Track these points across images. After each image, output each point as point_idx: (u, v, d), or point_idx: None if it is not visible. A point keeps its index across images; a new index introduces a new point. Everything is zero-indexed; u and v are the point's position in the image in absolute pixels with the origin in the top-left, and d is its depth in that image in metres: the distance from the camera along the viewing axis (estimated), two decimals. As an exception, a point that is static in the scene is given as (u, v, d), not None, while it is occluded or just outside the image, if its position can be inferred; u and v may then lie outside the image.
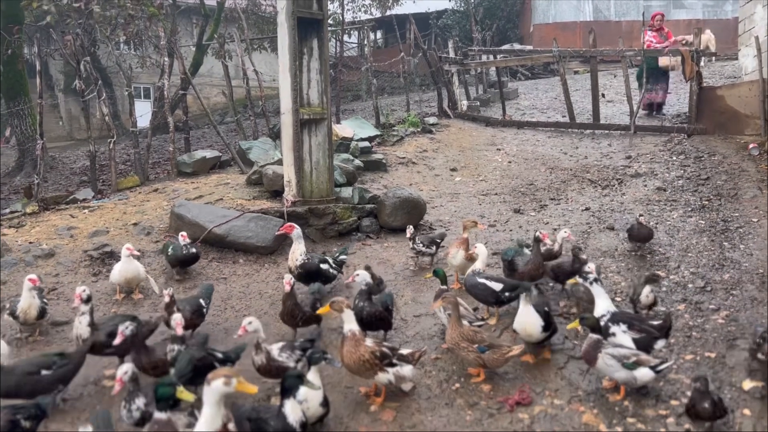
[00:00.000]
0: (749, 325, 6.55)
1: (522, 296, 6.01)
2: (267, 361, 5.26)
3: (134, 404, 4.67)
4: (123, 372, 4.74)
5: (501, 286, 6.88)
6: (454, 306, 5.75)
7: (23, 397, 5.01)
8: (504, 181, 13.63)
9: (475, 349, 5.54)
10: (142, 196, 11.85)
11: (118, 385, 4.71)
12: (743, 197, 11.08)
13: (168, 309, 6.25)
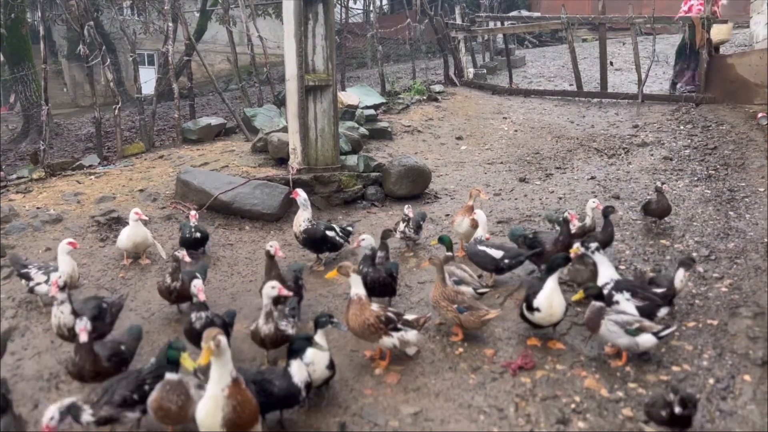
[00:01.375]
0: (752, 294, 6.59)
1: (557, 272, 5.75)
2: (274, 330, 5.32)
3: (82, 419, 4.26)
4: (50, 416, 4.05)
5: (501, 254, 6.91)
6: (439, 267, 5.92)
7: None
8: (510, 149, 13.57)
9: (454, 309, 5.71)
10: (148, 162, 11.86)
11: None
12: (750, 167, 11.01)
13: (173, 274, 6.30)
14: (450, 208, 9.94)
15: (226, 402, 3.91)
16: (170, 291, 6.37)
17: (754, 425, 4.60)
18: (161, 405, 4.27)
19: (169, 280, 6.34)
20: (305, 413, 4.90)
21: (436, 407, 4.95)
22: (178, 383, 4.32)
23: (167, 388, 4.29)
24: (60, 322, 5.47)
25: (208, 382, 4.02)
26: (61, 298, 5.46)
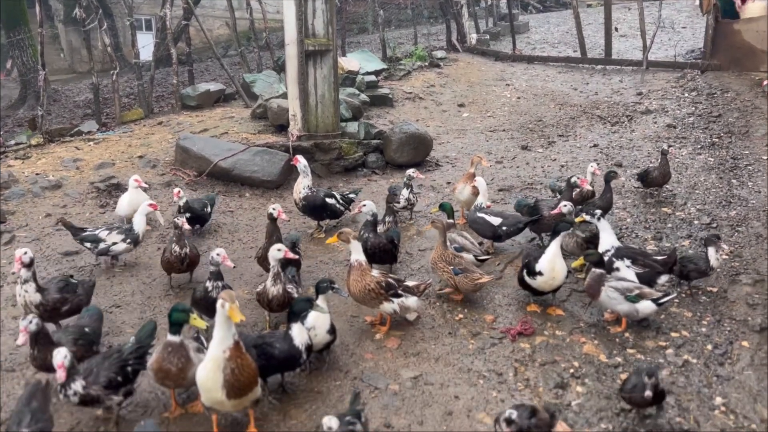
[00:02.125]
0: (752, 261, 6.59)
1: (561, 235, 5.75)
2: (282, 292, 5.34)
3: (71, 388, 4.12)
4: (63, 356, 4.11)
5: (499, 221, 6.90)
6: (441, 230, 6.01)
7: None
8: (512, 117, 13.46)
9: (450, 270, 5.84)
10: (147, 129, 11.77)
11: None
12: (754, 135, 10.92)
13: (179, 241, 6.16)
14: (451, 176, 9.89)
15: (227, 364, 3.93)
16: (181, 259, 6.16)
17: (750, 390, 4.64)
18: (161, 367, 4.28)
19: (177, 248, 6.13)
20: (306, 377, 4.94)
21: (436, 371, 4.99)
22: (180, 345, 4.32)
23: (168, 350, 4.30)
24: (26, 301, 5.18)
25: (210, 344, 4.04)
26: (25, 276, 5.16)
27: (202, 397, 4.07)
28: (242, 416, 4.43)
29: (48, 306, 5.23)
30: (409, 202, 7.98)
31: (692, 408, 4.49)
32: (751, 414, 4.40)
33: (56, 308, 5.30)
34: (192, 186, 9.23)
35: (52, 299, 5.26)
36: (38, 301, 5.18)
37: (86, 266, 6.90)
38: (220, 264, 5.33)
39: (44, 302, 5.21)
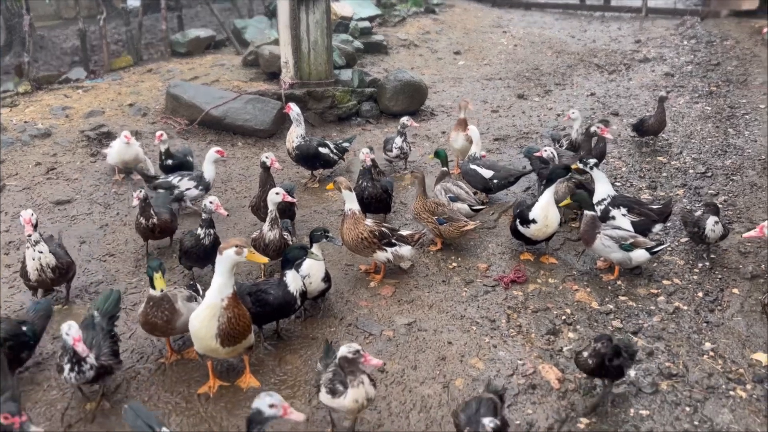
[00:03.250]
0: (746, 210, 6.60)
1: (557, 182, 5.74)
2: (279, 237, 5.33)
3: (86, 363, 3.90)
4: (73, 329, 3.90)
5: (491, 174, 6.86)
6: (420, 181, 6.08)
7: None
8: (509, 65, 13.25)
9: (434, 220, 5.90)
10: (136, 76, 11.55)
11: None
12: (752, 83, 10.81)
13: (144, 213, 5.72)
14: (446, 126, 9.79)
15: (223, 312, 3.94)
16: (150, 229, 5.79)
17: (739, 335, 4.71)
18: (147, 320, 4.29)
19: (142, 219, 5.74)
20: (301, 323, 4.98)
21: (430, 318, 5.03)
22: (161, 299, 4.29)
23: (150, 305, 4.29)
24: (42, 264, 4.86)
25: (207, 292, 4.02)
26: (35, 237, 4.85)
27: (196, 345, 4.09)
28: (238, 362, 4.48)
29: (63, 269, 5.00)
30: (402, 150, 7.89)
31: (682, 353, 4.56)
32: (739, 359, 4.48)
33: (67, 272, 5.09)
34: (183, 135, 9.11)
35: (66, 262, 5.05)
36: (54, 264, 4.91)
37: (78, 215, 6.86)
38: (213, 212, 5.28)
39: (60, 265, 4.96)
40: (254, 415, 3.00)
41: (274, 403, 3.00)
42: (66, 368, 3.85)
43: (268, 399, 3.01)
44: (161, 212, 5.90)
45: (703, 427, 3.88)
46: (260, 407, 3.00)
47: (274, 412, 2.99)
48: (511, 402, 4.13)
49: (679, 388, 4.21)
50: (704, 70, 11.77)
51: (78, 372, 3.85)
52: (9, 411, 3.10)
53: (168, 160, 7.30)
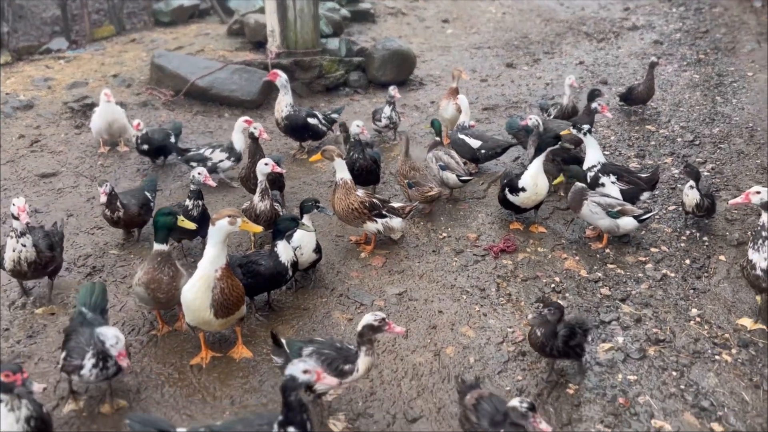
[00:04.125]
0: (733, 177, 6.65)
1: (546, 150, 5.71)
2: (270, 207, 5.31)
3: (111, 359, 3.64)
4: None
5: (479, 144, 6.85)
6: (405, 143, 6.23)
7: None
8: (497, 33, 13.13)
9: (405, 183, 6.08)
10: (119, 46, 11.33)
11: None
12: (741, 51, 10.80)
13: (110, 206, 5.38)
14: (435, 95, 9.72)
15: (217, 283, 3.92)
16: (115, 221, 5.49)
17: (725, 301, 4.78)
18: (153, 277, 4.18)
19: (108, 212, 5.42)
20: (293, 294, 4.99)
21: (420, 288, 5.06)
22: (169, 255, 4.26)
23: (158, 260, 4.21)
24: (21, 257, 4.56)
25: (200, 263, 3.99)
26: (22, 228, 4.53)
27: (188, 317, 4.07)
28: (230, 333, 4.50)
29: (41, 264, 4.67)
30: (391, 120, 7.83)
31: (669, 319, 4.62)
32: (725, 324, 4.55)
33: (45, 267, 4.74)
34: (169, 106, 8.99)
35: (46, 257, 4.69)
36: (33, 259, 4.59)
37: (65, 188, 6.78)
38: (202, 183, 5.24)
39: (38, 260, 4.63)
40: (288, 381, 2.96)
41: (307, 369, 2.99)
42: (88, 365, 3.58)
43: (302, 365, 3.00)
44: (130, 204, 5.52)
45: (689, 391, 3.96)
46: (294, 373, 2.97)
47: (308, 378, 2.99)
48: (502, 369, 4.19)
49: (666, 354, 4.28)
50: (693, 38, 11.74)
51: (102, 368, 3.60)
52: (10, 369, 3.14)
53: (144, 144, 7.04)
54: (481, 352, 4.33)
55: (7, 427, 3.11)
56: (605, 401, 3.90)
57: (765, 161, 6.94)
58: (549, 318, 3.91)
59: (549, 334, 3.90)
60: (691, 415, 3.78)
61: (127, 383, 4.05)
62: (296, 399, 2.95)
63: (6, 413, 3.12)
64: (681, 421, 3.74)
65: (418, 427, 3.74)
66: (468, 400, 3.43)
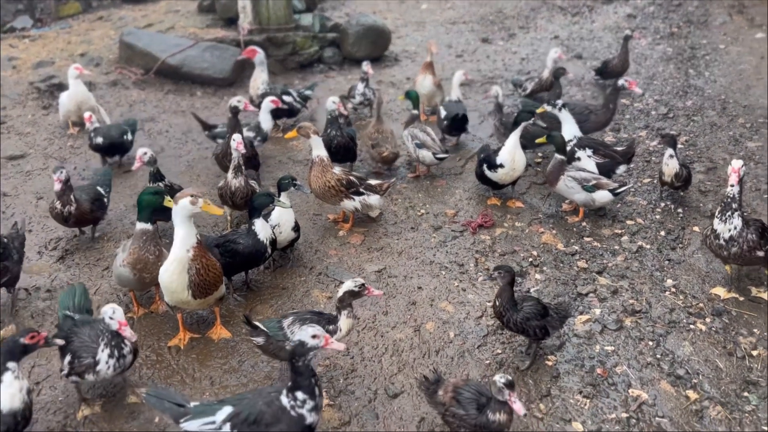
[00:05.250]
0: (706, 150, 6.73)
1: (522, 125, 5.69)
2: (245, 184, 5.24)
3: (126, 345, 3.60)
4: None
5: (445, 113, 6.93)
6: (377, 105, 6.56)
7: None
8: (472, 8, 13.02)
9: (369, 144, 6.41)
10: (86, 24, 11.03)
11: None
12: (713, 24, 10.87)
13: (62, 197, 5.01)
14: (411, 71, 9.64)
15: (191, 264, 3.87)
16: (64, 217, 5.08)
17: (699, 272, 4.86)
18: (140, 257, 4.14)
19: (58, 204, 5.04)
20: (271, 274, 4.95)
21: (399, 264, 5.06)
22: (153, 233, 4.21)
23: (143, 239, 4.15)
24: None
25: (173, 246, 3.92)
26: None
27: (167, 298, 4.02)
28: (208, 313, 4.45)
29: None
30: (366, 97, 7.76)
31: (645, 290, 4.69)
32: (699, 294, 4.63)
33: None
34: (140, 85, 8.79)
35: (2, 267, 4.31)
36: None
37: (33, 170, 6.61)
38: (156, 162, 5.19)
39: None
40: (297, 347, 2.98)
41: (316, 334, 3.01)
42: (103, 358, 3.47)
43: (311, 330, 3.02)
44: (82, 200, 5.10)
45: (665, 360, 4.03)
46: (303, 338, 2.99)
47: (316, 343, 3.00)
48: (481, 342, 4.21)
49: (643, 324, 4.35)
50: (666, 11, 11.78)
51: (118, 358, 3.51)
52: (31, 330, 3.26)
53: (99, 137, 6.43)
54: (460, 327, 4.35)
55: (13, 394, 3.17)
56: (584, 372, 3.95)
57: (737, 133, 7.02)
58: (500, 282, 3.88)
59: (506, 304, 3.86)
60: (667, 383, 3.85)
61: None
62: (304, 365, 2.97)
63: (12, 381, 3.18)
64: (657, 390, 3.80)
65: (399, 402, 3.75)
66: (442, 396, 3.31)
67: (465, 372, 3.94)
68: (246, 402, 3.04)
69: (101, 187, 5.43)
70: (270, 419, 2.96)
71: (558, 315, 3.96)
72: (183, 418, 3.04)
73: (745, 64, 8.96)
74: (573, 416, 3.63)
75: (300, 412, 2.97)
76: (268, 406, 2.99)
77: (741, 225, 4.27)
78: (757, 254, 4.32)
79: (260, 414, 2.97)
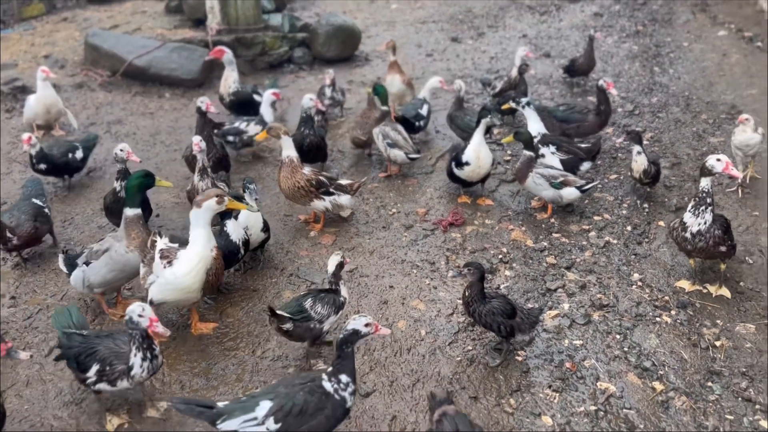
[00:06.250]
0: (671, 145, 6.86)
1: (483, 122, 5.73)
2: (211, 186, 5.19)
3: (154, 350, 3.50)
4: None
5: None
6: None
7: None
8: (442, 8, 13.09)
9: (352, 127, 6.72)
10: (51, 26, 10.82)
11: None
12: (677, 22, 11.09)
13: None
14: (382, 71, 9.64)
15: (213, 263, 3.97)
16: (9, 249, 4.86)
17: (665, 265, 4.95)
18: (144, 239, 4.23)
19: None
20: (241, 276, 4.92)
21: (371, 264, 5.06)
22: (138, 217, 4.31)
23: (140, 223, 4.30)
24: None
25: (191, 244, 3.93)
26: None
27: (171, 296, 3.94)
28: (177, 318, 4.41)
29: None
30: (334, 99, 7.76)
31: (612, 285, 4.76)
32: (664, 287, 4.72)
33: None
34: (106, 87, 8.67)
35: None
36: None
37: (-4, 176, 6.47)
38: (126, 160, 5.10)
39: None
40: (350, 335, 3.17)
41: (369, 322, 3.20)
42: (137, 362, 3.39)
43: (363, 319, 3.21)
44: (21, 223, 4.78)
45: (632, 352, 4.10)
46: (357, 327, 3.18)
47: (369, 330, 3.21)
48: (452, 339, 4.24)
49: (610, 318, 4.42)
50: (631, 10, 11.98)
51: (151, 359, 3.43)
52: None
53: (40, 164, 5.88)
54: (431, 325, 4.38)
55: None
56: (553, 366, 4.00)
57: (700, 129, 7.17)
58: (469, 278, 3.94)
59: (475, 296, 3.93)
60: (634, 375, 3.92)
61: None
62: (351, 350, 3.18)
63: None
64: (625, 382, 3.87)
65: (372, 401, 3.76)
66: (432, 418, 3.22)
67: (436, 369, 3.97)
68: (284, 393, 3.08)
69: (36, 198, 5.14)
70: (315, 407, 3.06)
71: (527, 319, 4.00)
72: (219, 420, 3.04)
73: (707, 61, 9.15)
74: (543, 410, 3.68)
75: (343, 395, 3.12)
76: (310, 394, 3.08)
77: (711, 221, 4.36)
78: (720, 249, 4.42)
79: (305, 403, 3.05)
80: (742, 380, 3.86)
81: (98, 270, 4.25)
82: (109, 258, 4.26)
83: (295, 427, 3.03)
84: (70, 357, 3.50)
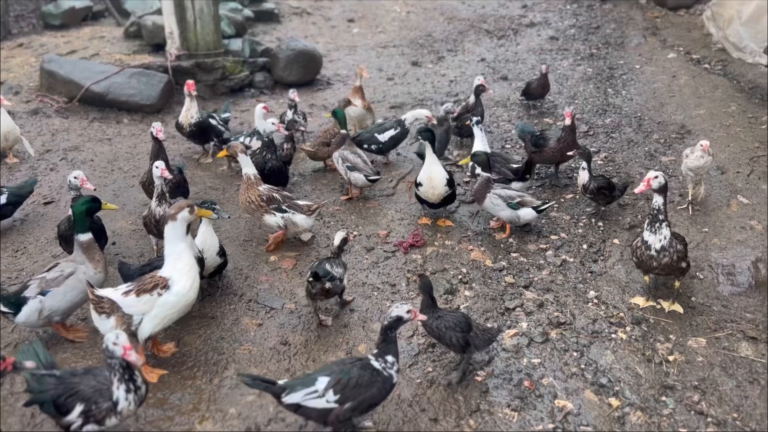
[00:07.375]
0: (624, 165, 7.05)
1: (427, 146, 5.82)
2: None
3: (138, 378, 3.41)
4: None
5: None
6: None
7: None
8: (402, 32, 13.30)
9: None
10: (6, 52, 10.64)
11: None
12: (629, 45, 11.46)
13: None
14: (343, 94, 9.71)
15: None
16: None
17: (619, 282, 5.06)
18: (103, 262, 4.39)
19: None
20: (199, 303, 4.84)
21: (331, 288, 5.04)
22: (91, 242, 4.36)
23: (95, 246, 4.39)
24: None
25: (179, 259, 4.02)
26: None
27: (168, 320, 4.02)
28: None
29: None
30: (296, 122, 7.78)
31: (569, 303, 4.84)
32: (619, 304, 4.82)
33: None
34: (63, 113, 8.55)
35: None
36: None
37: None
38: (80, 188, 5.06)
39: None
40: (395, 322, 3.52)
41: (410, 309, 3.54)
42: (121, 396, 3.28)
43: (405, 307, 3.54)
44: None
45: (589, 369, 4.16)
46: (400, 314, 3.53)
47: (409, 317, 3.54)
48: (413, 361, 4.24)
49: (567, 335, 4.48)
50: (586, 33, 12.35)
51: (135, 390, 3.32)
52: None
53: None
54: (392, 348, 4.37)
55: None
56: (512, 385, 4.03)
57: (652, 148, 7.39)
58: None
59: (426, 309, 4.04)
60: (591, 392, 3.98)
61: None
62: (394, 335, 3.55)
63: None
64: (582, 399, 3.92)
65: (331, 427, 3.73)
66: None
67: (396, 392, 3.96)
68: (339, 370, 3.46)
69: None
70: (368, 381, 3.44)
71: (483, 335, 4.04)
72: (283, 393, 3.40)
73: (658, 82, 9.46)
74: (501, 430, 3.70)
75: (390, 372, 3.50)
76: (363, 370, 3.46)
77: (670, 235, 4.48)
78: (681, 265, 4.53)
79: (360, 377, 3.43)
80: (695, 393, 3.94)
81: (64, 295, 4.20)
82: (77, 281, 4.24)
83: (351, 398, 3.40)
84: (46, 401, 3.29)
